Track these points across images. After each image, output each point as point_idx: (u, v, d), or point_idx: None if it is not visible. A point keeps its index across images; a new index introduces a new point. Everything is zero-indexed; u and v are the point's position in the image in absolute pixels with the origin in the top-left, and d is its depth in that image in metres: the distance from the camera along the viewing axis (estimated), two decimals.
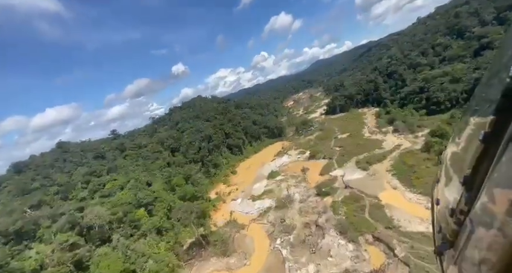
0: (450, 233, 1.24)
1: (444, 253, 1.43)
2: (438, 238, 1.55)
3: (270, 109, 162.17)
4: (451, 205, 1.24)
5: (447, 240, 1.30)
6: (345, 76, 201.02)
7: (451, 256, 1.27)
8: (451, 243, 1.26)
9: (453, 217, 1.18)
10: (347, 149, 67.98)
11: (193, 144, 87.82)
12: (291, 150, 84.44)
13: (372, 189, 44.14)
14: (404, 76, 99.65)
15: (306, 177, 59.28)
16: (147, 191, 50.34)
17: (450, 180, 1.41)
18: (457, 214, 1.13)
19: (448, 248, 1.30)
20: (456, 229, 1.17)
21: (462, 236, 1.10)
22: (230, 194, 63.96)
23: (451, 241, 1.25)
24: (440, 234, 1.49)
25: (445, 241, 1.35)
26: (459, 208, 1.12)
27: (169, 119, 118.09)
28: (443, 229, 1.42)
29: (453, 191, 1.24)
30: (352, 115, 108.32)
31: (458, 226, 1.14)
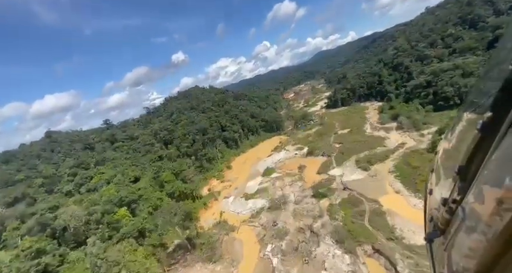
0: (442, 221, 1.28)
1: (435, 240, 1.47)
2: (429, 226, 1.60)
3: (269, 101, 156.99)
4: (444, 195, 1.28)
5: (438, 228, 1.34)
6: (348, 68, 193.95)
7: (442, 243, 1.31)
8: (442, 231, 1.30)
9: (446, 206, 1.21)
10: (347, 146, 64.11)
11: (187, 137, 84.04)
12: (289, 145, 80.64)
13: (373, 193, 40.66)
14: (411, 69, 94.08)
15: (302, 176, 55.81)
16: (131, 188, 47.07)
17: (444, 171, 1.48)
18: (450, 203, 1.16)
19: (439, 236, 1.34)
20: (447, 218, 1.20)
21: (453, 224, 1.13)
22: (223, 191, 60.84)
23: (442, 229, 1.29)
24: (432, 222, 1.53)
25: (436, 229, 1.38)
26: (452, 197, 1.15)
27: (164, 110, 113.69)
28: (435, 217, 1.47)
29: (447, 182, 1.29)
30: (354, 109, 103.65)
31: (450, 215, 1.17)
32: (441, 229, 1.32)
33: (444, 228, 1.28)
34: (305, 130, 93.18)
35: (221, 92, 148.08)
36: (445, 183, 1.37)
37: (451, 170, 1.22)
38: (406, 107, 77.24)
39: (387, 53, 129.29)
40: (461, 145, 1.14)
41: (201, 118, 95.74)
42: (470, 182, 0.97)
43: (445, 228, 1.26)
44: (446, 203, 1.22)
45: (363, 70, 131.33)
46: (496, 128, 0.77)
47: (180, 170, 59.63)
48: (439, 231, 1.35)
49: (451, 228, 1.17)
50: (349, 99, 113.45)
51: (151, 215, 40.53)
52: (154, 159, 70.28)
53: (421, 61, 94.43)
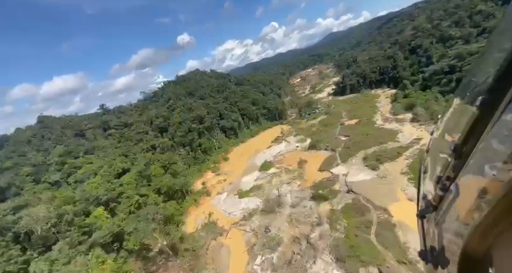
0: (435, 198, 1.33)
1: (427, 216, 1.52)
2: (422, 203, 1.66)
3: (273, 86, 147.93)
4: (439, 173, 1.32)
5: (431, 205, 1.39)
6: (359, 51, 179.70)
7: (433, 219, 1.36)
8: (434, 208, 1.35)
9: (439, 183, 1.24)
10: (354, 140, 57.45)
11: (182, 125, 78.65)
12: (291, 136, 74.43)
13: (382, 198, 34.90)
14: (431, 51, 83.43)
15: (302, 173, 50.28)
16: (111, 184, 42.80)
17: (439, 150, 1.49)
18: (444, 180, 1.19)
19: (431, 212, 1.40)
20: (440, 195, 1.24)
21: (445, 200, 1.17)
22: (217, 186, 56.36)
23: (435, 206, 1.34)
24: (425, 199, 1.60)
25: (428, 206, 1.44)
26: (446, 174, 1.17)
27: (162, 95, 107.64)
28: (428, 195, 1.53)
29: (442, 160, 1.32)
30: (363, 96, 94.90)
31: (443, 192, 1.20)
32: (433, 205, 1.36)
33: (436, 204, 1.32)
34: (309, 120, 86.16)
35: (222, 77, 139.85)
36: (439, 162, 1.38)
37: (446, 149, 1.23)
38: (423, 96, 68.68)
39: (404, 34, 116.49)
40: (458, 125, 1.14)
41: (198, 105, 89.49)
42: (465, 159, 0.97)
43: (438, 205, 1.29)
44: (440, 181, 1.24)
45: (375, 54, 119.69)
46: (495, 104, 0.76)
47: (170, 163, 54.99)
48: (431, 207, 1.38)
49: (443, 204, 1.20)
50: (359, 85, 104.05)
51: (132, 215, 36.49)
52: (146, 149, 65.77)
53: (444, 43, 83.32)
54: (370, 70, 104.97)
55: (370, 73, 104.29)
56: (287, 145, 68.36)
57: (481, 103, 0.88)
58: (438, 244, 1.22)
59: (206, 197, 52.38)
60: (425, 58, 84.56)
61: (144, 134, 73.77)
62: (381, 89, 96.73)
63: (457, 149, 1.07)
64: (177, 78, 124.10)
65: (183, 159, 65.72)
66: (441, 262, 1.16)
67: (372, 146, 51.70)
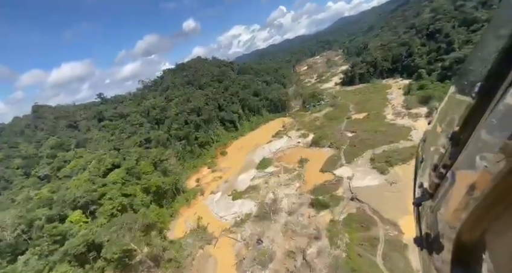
0: (431, 186, 1.33)
1: (422, 204, 1.52)
2: (418, 191, 1.65)
3: (278, 75, 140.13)
4: (435, 161, 1.31)
5: (427, 193, 1.38)
6: (370, 37, 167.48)
7: (429, 206, 1.37)
8: (430, 195, 1.35)
9: (436, 171, 1.23)
10: (361, 137, 51.86)
11: (179, 117, 74.38)
12: (292, 131, 69.20)
13: (391, 210, 30.16)
14: (452, 37, 74.26)
15: (302, 174, 45.69)
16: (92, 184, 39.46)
17: (436, 139, 1.50)
18: (440, 168, 1.18)
19: (427, 199, 1.39)
20: (437, 182, 1.24)
21: (441, 188, 1.18)
22: (212, 184, 52.73)
23: (431, 193, 1.34)
24: (421, 188, 1.58)
25: (424, 194, 1.43)
26: (442, 162, 1.17)
27: (161, 84, 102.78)
28: (424, 183, 1.52)
29: (439, 149, 1.33)
30: (373, 87, 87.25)
31: (440, 179, 1.20)
32: (429, 193, 1.35)
33: (432, 192, 1.32)
34: (313, 112, 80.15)
35: (224, 65, 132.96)
36: (436, 151, 1.39)
37: (444, 137, 1.24)
38: (440, 88, 61.26)
39: (422, 17, 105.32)
40: (455, 113, 1.13)
41: (197, 96, 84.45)
42: (461, 147, 0.97)
43: (434, 192, 1.29)
44: (436, 169, 1.23)
45: (388, 40, 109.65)
46: (493, 90, 0.77)
47: (160, 160, 51.26)
48: (427, 195, 1.38)
49: (439, 191, 1.21)
50: (369, 75, 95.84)
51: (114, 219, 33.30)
52: (139, 142, 62.21)
53: (467, 27, 73.81)
54: (382, 58, 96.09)
55: (382, 61, 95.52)
56: (288, 141, 63.39)
57: (478, 92, 0.87)
58: (433, 230, 1.23)
59: (199, 196, 48.94)
60: (445, 44, 75.56)
61: (139, 126, 70.03)
62: (393, 78, 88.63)
63: (454, 137, 1.05)
64: (177, 66, 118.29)
65: (179, 153, 61.98)
66: (435, 248, 1.18)
67: (381, 145, 46.21)
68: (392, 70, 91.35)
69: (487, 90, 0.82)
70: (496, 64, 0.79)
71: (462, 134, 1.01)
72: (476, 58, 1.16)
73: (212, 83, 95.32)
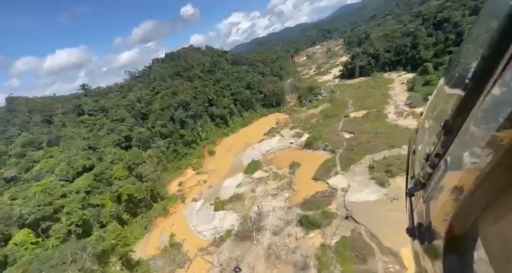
0: (423, 176, 1.32)
1: (415, 194, 1.52)
2: (411, 182, 1.67)
3: (275, 66, 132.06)
4: (428, 151, 1.30)
5: (419, 183, 1.38)
6: (373, 25, 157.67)
7: (421, 196, 1.36)
8: (422, 185, 1.35)
9: (428, 160, 1.22)
10: (360, 139, 46.50)
11: (165, 112, 68.32)
12: (286, 129, 63.63)
13: (392, 235, 25.37)
14: (462, 26, 67.05)
15: (292, 181, 40.71)
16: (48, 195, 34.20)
17: (429, 129, 1.50)
18: (433, 157, 1.17)
19: (419, 190, 1.39)
20: (429, 172, 1.23)
21: (434, 177, 1.17)
22: (194, 190, 47.88)
23: (423, 183, 1.33)
24: (413, 178, 1.60)
25: (417, 184, 1.42)
26: (435, 151, 1.16)
27: (148, 75, 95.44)
28: (416, 174, 1.53)
29: (431, 138, 1.32)
30: (375, 81, 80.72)
31: (432, 169, 1.19)
32: (421, 183, 1.34)
33: (425, 182, 1.31)
34: (310, 108, 74.19)
35: (218, 55, 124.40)
36: (429, 140, 1.38)
37: (436, 126, 1.24)
38: None
39: (430, 4, 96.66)
40: (448, 102, 1.11)
41: (186, 88, 77.78)
42: (454, 135, 0.97)
43: (426, 182, 1.28)
44: (429, 158, 1.22)
45: (392, 29, 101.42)
46: (485, 77, 0.75)
47: (135, 163, 45.87)
48: (419, 185, 1.37)
49: (431, 181, 1.19)
50: (370, 67, 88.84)
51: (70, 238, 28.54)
52: (119, 140, 56.52)
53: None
54: (384, 49, 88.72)
55: (384, 52, 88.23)
56: (281, 141, 57.98)
57: (471, 78, 0.86)
58: (426, 220, 1.22)
59: (179, 203, 44.18)
60: (454, 35, 68.51)
61: (120, 122, 64.02)
62: (396, 72, 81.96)
63: (446, 125, 1.04)
64: (166, 56, 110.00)
65: (162, 153, 56.60)
66: (427, 237, 1.18)
67: (381, 150, 40.95)
68: (395, 63, 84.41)
69: (479, 78, 0.80)
70: (485, 54, 0.77)
71: (454, 123, 0.99)
72: (466, 49, 1.14)
73: (202, 74, 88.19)
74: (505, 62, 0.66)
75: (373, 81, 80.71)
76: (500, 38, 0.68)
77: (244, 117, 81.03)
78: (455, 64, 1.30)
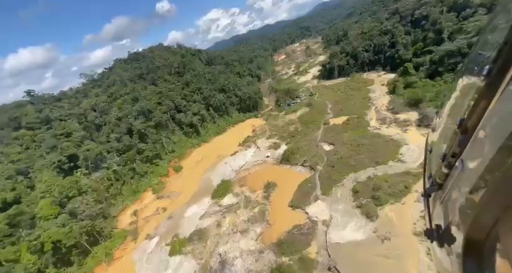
0: (440, 176, 1.29)
1: (432, 195, 1.49)
2: (428, 182, 1.61)
3: (252, 66, 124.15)
4: (444, 151, 1.28)
5: (436, 183, 1.35)
6: (350, 23, 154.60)
7: (439, 197, 1.33)
8: (439, 186, 1.32)
9: (445, 161, 1.20)
10: (341, 152, 40.57)
11: (122, 122, 58.15)
12: (263, 139, 56.55)
13: None
14: (441, 24, 63.65)
15: (266, 209, 33.80)
16: None
17: (445, 128, 1.47)
18: (449, 157, 1.15)
19: (436, 190, 1.37)
20: (446, 172, 1.20)
21: (451, 178, 1.14)
22: (152, 221, 39.32)
23: (440, 184, 1.31)
24: (430, 178, 1.55)
25: (434, 184, 1.40)
26: (451, 151, 1.13)
27: (108, 78, 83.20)
28: (433, 174, 1.49)
29: (447, 138, 1.29)
30: (354, 82, 75.97)
31: (448, 169, 1.17)
32: (438, 184, 1.31)
33: (441, 182, 1.27)
34: (288, 113, 67.70)
35: (191, 54, 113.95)
36: (445, 140, 1.34)
37: (452, 125, 1.21)
38: (431, 87, 51.26)
39: (405, 2, 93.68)
40: (465, 100, 1.09)
41: (148, 93, 67.66)
42: (470, 134, 0.93)
43: (443, 183, 1.25)
44: (445, 158, 1.19)
45: (369, 27, 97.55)
46: (501, 75, 0.72)
47: (68, 197, 36.10)
48: (436, 185, 1.34)
49: (448, 181, 1.16)
50: (349, 67, 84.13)
51: None
52: (59, 162, 45.88)
53: (458, 13, 63.27)
54: (362, 48, 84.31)
55: (362, 51, 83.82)
56: (256, 153, 50.84)
57: (487, 74, 0.82)
58: (444, 222, 1.18)
59: (130, 242, 35.53)
60: (433, 33, 65.01)
61: (65, 136, 52.97)
62: (375, 72, 77.84)
63: (462, 124, 1.00)
64: (130, 56, 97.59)
65: (115, 174, 46.99)
66: (446, 240, 1.12)
67: (366, 167, 35.26)
68: (374, 62, 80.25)
69: (496, 73, 0.77)
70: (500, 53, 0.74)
71: (470, 121, 0.95)
72: (486, 42, 1.10)
73: (169, 76, 78.08)
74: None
75: (352, 82, 75.93)
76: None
77: (218, 124, 72.75)
78: (474, 57, 1.24)
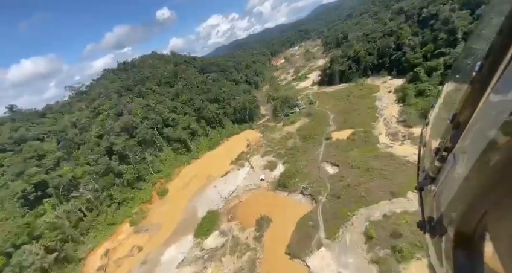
0: (433, 170, 1.31)
1: (425, 188, 1.52)
2: (421, 176, 1.64)
3: (250, 72, 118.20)
4: (437, 144, 1.30)
5: (429, 177, 1.37)
6: (350, 25, 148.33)
7: (431, 190, 1.35)
8: (432, 179, 1.34)
9: (438, 154, 1.21)
10: (347, 177, 33.76)
11: (103, 141, 52.15)
12: (257, 156, 49.99)
13: None
14: (454, 24, 56.79)
15: (258, 257, 27.08)
16: None
17: (438, 122, 1.50)
18: (442, 151, 1.16)
19: (429, 184, 1.38)
20: (438, 166, 1.22)
21: (443, 171, 1.16)
22: (124, 264, 32.76)
23: (433, 177, 1.32)
24: (424, 172, 1.57)
25: (427, 178, 1.41)
26: (444, 145, 1.14)
27: (95, 91, 77.61)
28: (427, 168, 1.51)
29: (440, 132, 1.31)
30: (357, 88, 69.21)
31: (441, 163, 1.18)
32: (431, 177, 1.33)
33: (434, 176, 1.29)
34: (286, 124, 61.14)
35: (185, 61, 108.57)
36: (438, 134, 1.37)
37: (444, 120, 1.22)
38: None
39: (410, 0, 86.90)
40: (457, 94, 1.10)
41: (135, 107, 61.77)
42: (462, 128, 0.95)
43: (436, 176, 1.27)
44: (438, 152, 1.21)
45: (371, 28, 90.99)
46: (492, 71, 0.73)
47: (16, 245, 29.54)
48: (429, 179, 1.36)
49: (441, 175, 1.19)
50: (351, 72, 77.42)
51: None
52: (24, 191, 39.78)
53: (472, 11, 56.44)
54: (365, 52, 77.69)
55: (365, 55, 77.16)
56: (249, 174, 44.29)
57: (479, 70, 0.83)
58: (436, 214, 1.20)
59: None
60: (445, 33, 58.07)
61: (37, 160, 47.07)
62: (380, 77, 70.95)
63: (455, 118, 1.02)
64: (119, 66, 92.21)
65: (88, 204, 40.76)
66: (438, 231, 1.15)
67: (379, 200, 28.41)
68: (378, 67, 73.45)
69: (486, 70, 0.78)
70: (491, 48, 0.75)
71: (462, 116, 0.97)
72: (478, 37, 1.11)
73: (158, 87, 72.25)
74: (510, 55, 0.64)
75: (356, 89, 69.16)
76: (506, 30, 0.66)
77: (211, 137, 66.45)
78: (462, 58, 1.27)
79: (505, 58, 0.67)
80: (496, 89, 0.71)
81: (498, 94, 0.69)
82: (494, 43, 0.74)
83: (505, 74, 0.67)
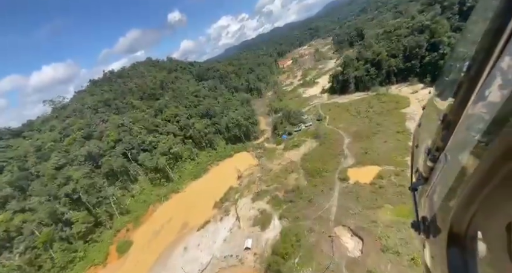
0: (425, 170, 1.31)
1: (418, 189, 1.51)
2: (414, 176, 1.64)
3: (252, 77, 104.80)
4: (429, 145, 1.30)
5: (422, 177, 1.37)
6: (364, 20, 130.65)
7: (424, 191, 1.35)
8: (425, 180, 1.34)
9: (429, 154, 1.21)
10: (381, 266, 20.04)
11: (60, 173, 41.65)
12: (247, 198, 37.24)
13: None
14: None
15: None
16: None
17: (430, 123, 1.49)
18: (433, 151, 1.16)
19: (422, 184, 1.38)
20: (430, 166, 1.21)
21: (435, 171, 1.15)
22: None
23: (426, 178, 1.32)
24: (417, 173, 1.56)
25: (420, 178, 1.41)
26: (435, 145, 1.15)
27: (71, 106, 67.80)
28: (419, 168, 1.50)
29: (432, 132, 1.31)
30: (379, 100, 54.05)
31: (433, 163, 1.18)
32: (424, 177, 1.33)
33: (427, 176, 1.29)
34: (288, 147, 47.77)
35: (181, 67, 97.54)
36: (430, 134, 1.36)
37: (436, 120, 1.22)
38: None
39: None
40: (447, 95, 1.10)
41: (108, 127, 50.92)
42: (453, 128, 0.95)
43: (428, 176, 1.27)
44: (430, 152, 1.20)
45: (394, 24, 74.47)
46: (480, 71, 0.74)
47: None
48: (422, 179, 1.36)
49: (433, 175, 1.18)
50: (370, 79, 62.12)
51: None
52: None
53: None
54: (387, 53, 62.05)
55: (387, 57, 61.53)
56: (232, 234, 31.64)
57: (467, 70, 0.84)
58: (429, 214, 1.20)
59: None
60: None
61: None
62: (408, 84, 55.47)
63: (445, 119, 1.02)
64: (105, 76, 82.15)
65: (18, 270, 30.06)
66: (432, 231, 1.15)
67: None
68: (406, 72, 57.77)
69: (475, 70, 0.78)
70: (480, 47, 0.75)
71: (452, 116, 0.97)
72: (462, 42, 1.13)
73: (139, 102, 61.10)
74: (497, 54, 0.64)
75: (376, 101, 54.07)
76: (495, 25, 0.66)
77: (198, 161, 54.41)
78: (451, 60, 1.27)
79: (490, 60, 0.67)
80: (483, 89, 0.71)
81: (486, 95, 0.69)
82: (480, 45, 0.74)
83: (491, 75, 0.67)
